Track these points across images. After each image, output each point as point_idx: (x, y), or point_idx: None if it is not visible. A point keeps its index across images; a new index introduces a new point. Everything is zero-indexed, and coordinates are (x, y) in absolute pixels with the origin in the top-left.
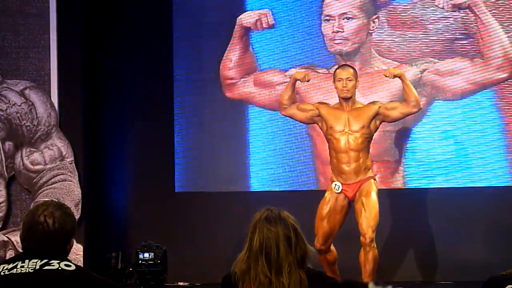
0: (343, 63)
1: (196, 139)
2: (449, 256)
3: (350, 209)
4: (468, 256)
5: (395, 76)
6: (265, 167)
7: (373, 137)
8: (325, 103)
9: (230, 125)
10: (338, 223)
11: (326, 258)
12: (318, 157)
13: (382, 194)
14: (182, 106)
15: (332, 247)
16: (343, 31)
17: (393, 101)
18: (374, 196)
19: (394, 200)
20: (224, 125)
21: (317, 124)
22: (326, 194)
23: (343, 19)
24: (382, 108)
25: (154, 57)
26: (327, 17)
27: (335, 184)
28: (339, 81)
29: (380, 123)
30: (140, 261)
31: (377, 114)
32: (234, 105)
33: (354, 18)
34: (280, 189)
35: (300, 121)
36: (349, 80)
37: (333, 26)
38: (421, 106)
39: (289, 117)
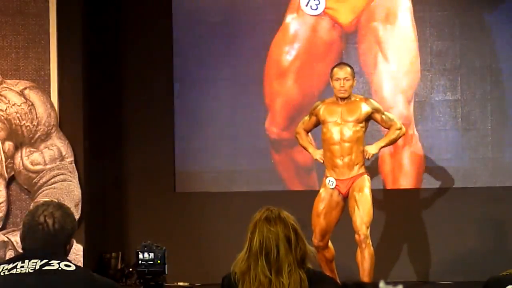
0: (340, 62)
1: (196, 139)
2: (448, 256)
3: (345, 204)
4: (468, 256)
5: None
6: (265, 167)
7: (366, 129)
8: (321, 104)
9: (230, 125)
10: (334, 219)
11: (324, 255)
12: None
13: (381, 194)
14: (182, 106)
15: (330, 244)
16: None
17: (388, 117)
18: (367, 192)
19: (393, 200)
20: (224, 125)
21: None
22: (320, 191)
23: None
24: (375, 115)
25: (154, 57)
26: None
27: (329, 180)
28: (337, 80)
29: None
30: (140, 261)
31: (369, 116)
32: (234, 105)
33: None
34: (280, 189)
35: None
36: (347, 80)
37: None
38: (403, 131)
39: None
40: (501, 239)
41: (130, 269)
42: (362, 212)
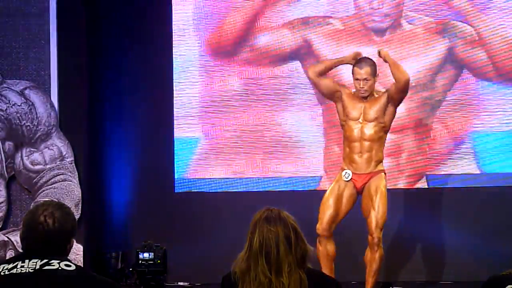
0: (362, 56)
1: (196, 139)
2: (449, 256)
3: (356, 199)
4: (469, 256)
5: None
6: (265, 167)
7: (389, 128)
8: (347, 88)
9: (230, 125)
10: (343, 211)
11: (326, 249)
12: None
13: (390, 193)
14: (182, 106)
15: (332, 241)
16: (383, 8)
17: None
18: (384, 192)
19: (396, 200)
20: (223, 125)
21: (336, 103)
22: (334, 182)
23: None
24: (389, 91)
25: (154, 57)
26: None
27: (346, 172)
28: (357, 80)
29: (394, 108)
30: (140, 261)
31: (388, 100)
32: (233, 105)
33: None
34: (280, 189)
35: (320, 91)
36: (367, 81)
37: (372, 2)
38: (408, 77)
39: (312, 82)
40: (502, 238)
41: (130, 269)
42: (377, 214)
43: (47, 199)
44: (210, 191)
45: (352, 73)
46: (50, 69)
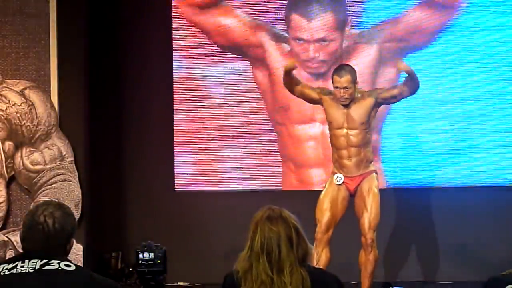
0: (342, 63)
1: (196, 139)
2: (449, 256)
3: (349, 201)
4: (469, 256)
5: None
6: (265, 167)
7: (372, 128)
8: (327, 93)
9: (230, 124)
10: (339, 213)
11: (320, 257)
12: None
13: (384, 193)
14: (182, 105)
15: (329, 250)
16: (320, 56)
17: (390, 88)
18: (376, 192)
19: (395, 199)
20: (224, 124)
21: (323, 106)
22: (327, 186)
23: (319, 42)
24: (380, 99)
25: (154, 56)
26: (298, 40)
27: (337, 176)
28: (337, 88)
29: (377, 110)
30: (140, 261)
31: (374, 105)
32: (234, 104)
33: (332, 40)
34: (279, 189)
35: (305, 100)
36: (347, 89)
37: (308, 51)
38: (419, 85)
39: (294, 94)
40: (502, 238)
41: (130, 269)
42: (370, 214)
43: (47, 199)
44: (210, 190)
45: (332, 81)
46: (50, 69)
